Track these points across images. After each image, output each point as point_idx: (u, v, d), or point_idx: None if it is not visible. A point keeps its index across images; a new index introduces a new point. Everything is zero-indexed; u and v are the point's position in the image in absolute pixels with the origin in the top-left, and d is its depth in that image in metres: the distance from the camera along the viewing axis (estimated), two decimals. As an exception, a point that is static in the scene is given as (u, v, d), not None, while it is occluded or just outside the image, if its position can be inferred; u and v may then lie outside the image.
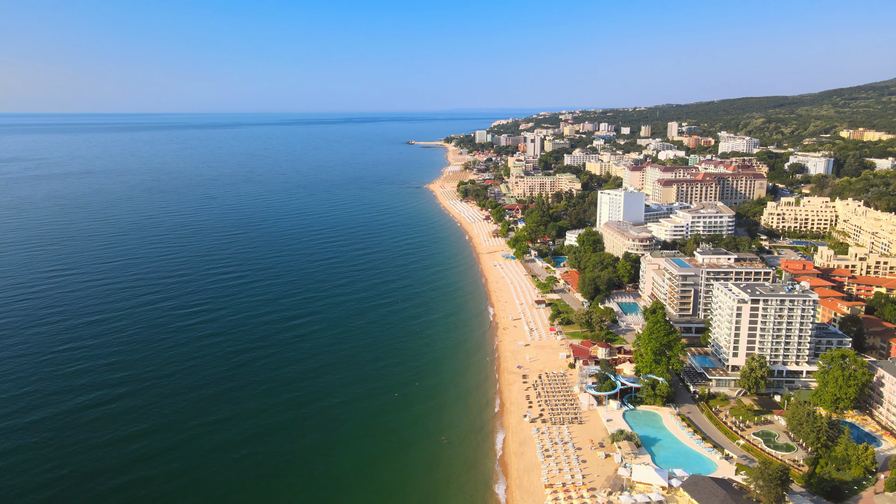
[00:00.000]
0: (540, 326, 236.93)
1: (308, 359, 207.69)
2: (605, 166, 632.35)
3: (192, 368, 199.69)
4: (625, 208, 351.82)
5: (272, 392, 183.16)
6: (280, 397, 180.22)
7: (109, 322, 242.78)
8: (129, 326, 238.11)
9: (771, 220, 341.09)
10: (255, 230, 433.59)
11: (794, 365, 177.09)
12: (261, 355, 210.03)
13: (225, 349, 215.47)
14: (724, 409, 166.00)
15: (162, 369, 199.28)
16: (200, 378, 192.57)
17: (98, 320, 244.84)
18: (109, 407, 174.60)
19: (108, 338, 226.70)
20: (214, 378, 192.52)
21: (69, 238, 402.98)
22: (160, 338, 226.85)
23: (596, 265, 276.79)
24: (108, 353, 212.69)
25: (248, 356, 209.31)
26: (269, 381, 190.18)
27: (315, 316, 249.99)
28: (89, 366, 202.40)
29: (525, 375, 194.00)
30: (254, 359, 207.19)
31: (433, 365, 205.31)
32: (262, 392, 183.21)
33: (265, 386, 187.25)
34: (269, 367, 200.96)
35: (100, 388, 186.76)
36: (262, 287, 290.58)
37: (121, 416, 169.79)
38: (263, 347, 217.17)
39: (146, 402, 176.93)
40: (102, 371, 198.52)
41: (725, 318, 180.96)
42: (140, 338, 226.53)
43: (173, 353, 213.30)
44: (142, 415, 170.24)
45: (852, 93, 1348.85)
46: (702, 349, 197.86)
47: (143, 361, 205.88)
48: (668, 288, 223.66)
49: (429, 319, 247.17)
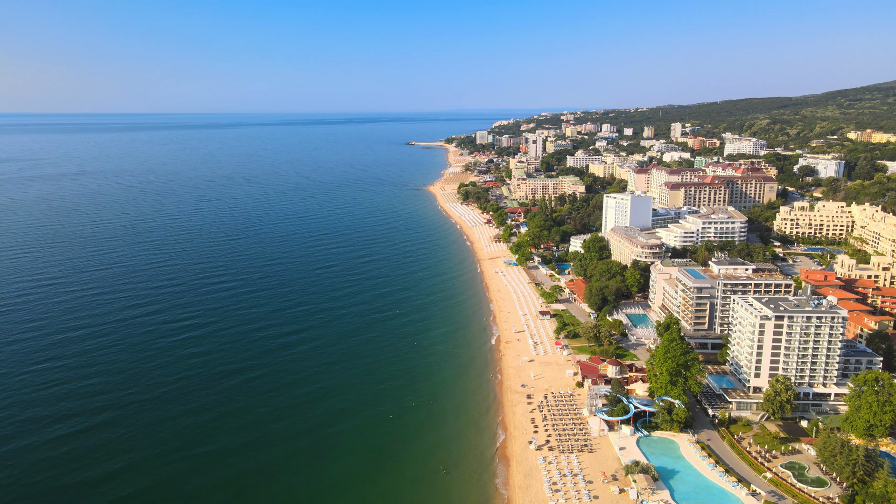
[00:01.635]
0: (545, 340, 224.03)
1: (300, 381, 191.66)
2: (609, 168, 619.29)
3: (178, 391, 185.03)
4: (631, 213, 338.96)
5: (260, 421, 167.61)
6: (268, 427, 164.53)
7: (93, 337, 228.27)
8: (113, 342, 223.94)
9: (784, 226, 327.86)
10: (252, 235, 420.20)
11: (822, 387, 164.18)
12: (251, 377, 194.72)
13: (213, 369, 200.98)
14: (747, 436, 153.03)
15: (145, 392, 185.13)
16: (185, 403, 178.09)
17: (81, 336, 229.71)
18: (85, 438, 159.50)
19: (90, 355, 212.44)
20: (200, 403, 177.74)
21: (56, 243, 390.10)
22: (146, 354, 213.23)
23: (603, 274, 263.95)
24: (90, 374, 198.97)
25: (237, 378, 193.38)
26: (258, 407, 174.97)
27: (309, 331, 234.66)
28: (67, 389, 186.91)
29: (530, 395, 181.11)
30: (243, 381, 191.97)
31: (432, 383, 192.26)
32: (251, 422, 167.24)
33: (254, 413, 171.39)
34: (259, 390, 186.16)
35: (77, 413, 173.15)
36: (256, 297, 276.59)
37: (97, 449, 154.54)
38: (254, 367, 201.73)
39: (124, 433, 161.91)
40: (81, 394, 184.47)
41: (746, 336, 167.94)
42: (124, 355, 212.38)
43: (159, 372, 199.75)
44: (119, 448, 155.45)
45: (856, 94, 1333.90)
46: (719, 367, 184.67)
47: (126, 382, 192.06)
48: (681, 300, 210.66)
49: (428, 332, 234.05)
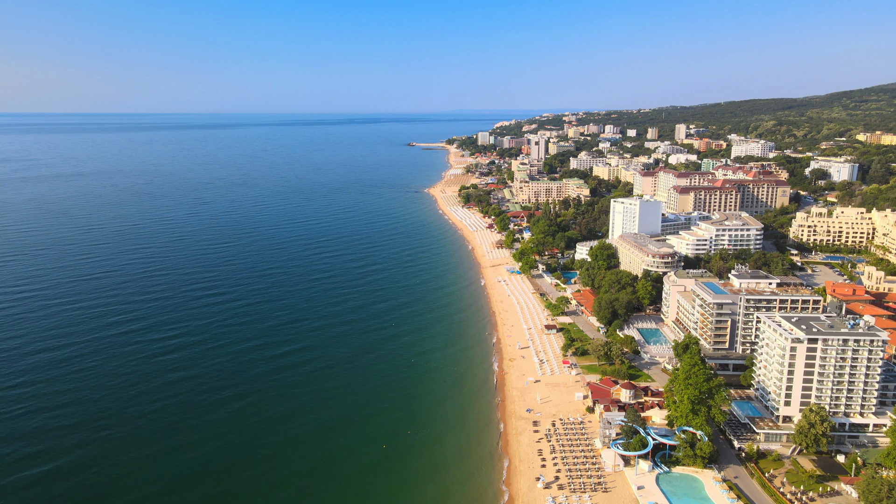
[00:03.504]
0: (551, 357, 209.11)
1: (291, 413, 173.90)
2: (614, 170, 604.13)
3: (158, 424, 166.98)
4: (640, 218, 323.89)
5: (246, 461, 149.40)
6: (254, 470, 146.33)
7: (72, 359, 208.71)
8: (93, 363, 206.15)
9: (801, 233, 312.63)
10: (247, 240, 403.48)
11: (859, 416, 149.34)
12: (237, 406, 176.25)
13: (198, 396, 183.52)
14: (779, 474, 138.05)
15: (123, 424, 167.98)
16: (165, 439, 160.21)
17: (57, 357, 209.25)
18: (51, 482, 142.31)
19: (66, 379, 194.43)
20: (182, 439, 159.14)
21: (43, 247, 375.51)
22: (126, 372, 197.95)
23: (612, 285, 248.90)
24: (65, 391, 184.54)
25: (222, 410, 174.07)
26: (244, 444, 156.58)
27: (303, 352, 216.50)
28: (37, 423, 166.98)
29: (536, 422, 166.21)
30: (229, 412, 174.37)
31: (429, 407, 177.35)
32: (236, 462, 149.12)
33: (240, 452, 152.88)
34: (246, 421, 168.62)
35: (47, 438, 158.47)
36: (248, 309, 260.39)
37: (63, 492, 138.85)
38: (242, 395, 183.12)
39: (95, 475, 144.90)
40: (54, 416, 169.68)
41: (775, 360, 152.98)
42: (104, 380, 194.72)
43: (138, 391, 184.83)
44: (86, 486, 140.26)
45: (862, 95, 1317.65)
46: (743, 392, 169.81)
47: (102, 403, 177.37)
48: (699, 316, 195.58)
49: (427, 349, 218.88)
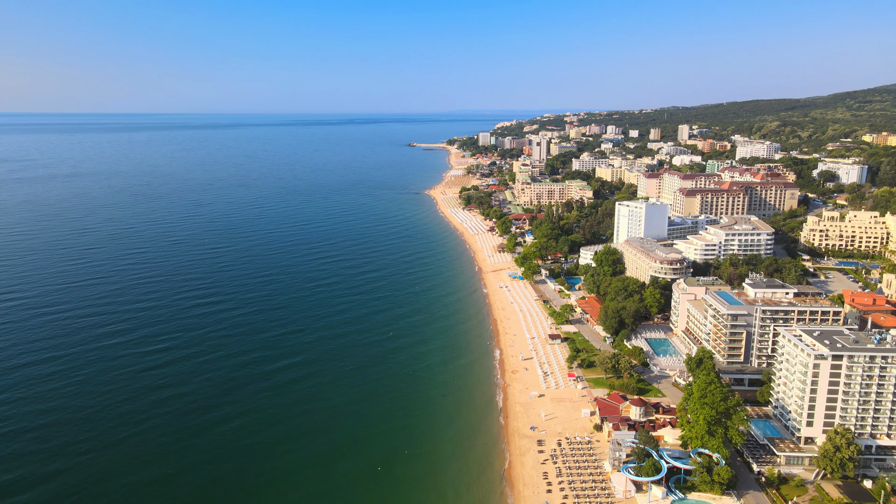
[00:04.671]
0: (556, 369, 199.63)
1: (281, 433, 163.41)
2: (617, 172, 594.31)
3: (141, 448, 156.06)
4: (646, 222, 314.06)
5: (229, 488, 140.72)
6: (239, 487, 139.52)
7: (56, 375, 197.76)
8: (78, 372, 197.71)
9: (812, 237, 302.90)
10: (244, 243, 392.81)
11: (886, 438, 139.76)
12: (226, 429, 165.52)
13: (185, 409, 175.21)
14: (803, 502, 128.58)
15: (104, 437, 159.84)
16: (147, 455, 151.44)
17: (39, 375, 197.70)
18: None
19: (50, 388, 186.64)
20: (165, 468, 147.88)
21: (32, 252, 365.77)
22: (112, 389, 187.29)
23: (618, 292, 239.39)
24: (47, 410, 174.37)
25: (210, 433, 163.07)
26: (229, 475, 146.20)
27: (296, 360, 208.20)
28: (12, 449, 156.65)
29: (541, 441, 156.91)
30: (215, 424, 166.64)
31: (428, 424, 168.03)
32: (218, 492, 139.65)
33: (224, 484, 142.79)
34: (232, 440, 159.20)
35: (25, 463, 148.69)
36: (243, 319, 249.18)
37: None
38: (231, 416, 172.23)
39: (71, 495, 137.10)
40: (33, 439, 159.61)
41: (797, 377, 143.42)
42: (88, 389, 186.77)
43: (124, 410, 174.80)
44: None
45: (866, 95, 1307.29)
46: (760, 409, 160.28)
47: (85, 425, 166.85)
48: (711, 328, 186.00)
49: (425, 361, 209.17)
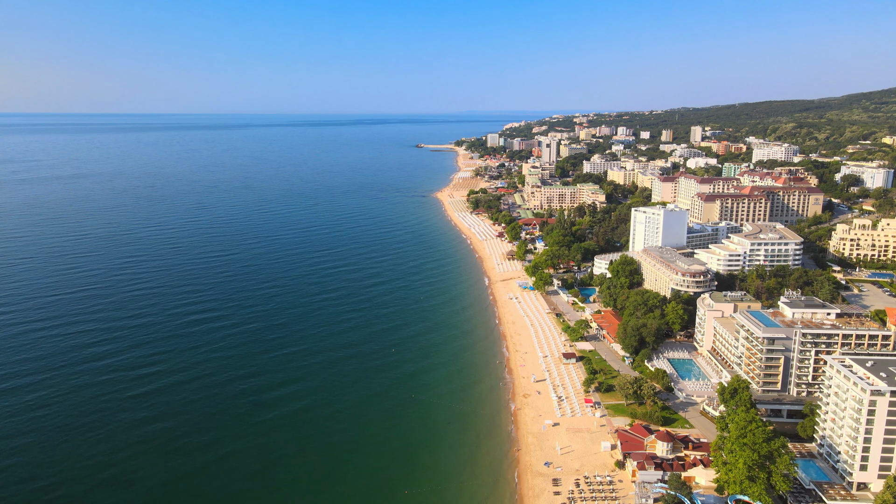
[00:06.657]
0: (571, 394, 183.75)
1: (270, 468, 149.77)
2: (630, 175, 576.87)
3: (119, 468, 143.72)
4: (664, 229, 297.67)
5: None
6: None
7: (37, 389, 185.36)
8: (59, 395, 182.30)
9: (842, 247, 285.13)
10: (245, 250, 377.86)
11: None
12: (209, 450, 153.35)
13: (170, 435, 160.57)
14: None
15: (75, 471, 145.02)
16: (120, 495, 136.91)
17: (24, 392, 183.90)
18: None
19: (28, 413, 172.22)
20: (138, 497, 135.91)
21: (27, 258, 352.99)
22: (92, 418, 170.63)
23: (638, 307, 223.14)
24: (21, 433, 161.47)
25: (192, 461, 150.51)
26: None
27: (296, 388, 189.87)
28: None
29: (556, 480, 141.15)
30: (199, 456, 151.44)
31: (431, 459, 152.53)
32: None
33: None
34: (216, 477, 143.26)
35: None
36: (239, 334, 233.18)
37: None
38: (217, 432, 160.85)
39: None
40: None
41: (849, 415, 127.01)
42: (68, 413, 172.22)
43: (103, 435, 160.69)
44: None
45: (882, 96, 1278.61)
46: (802, 446, 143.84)
47: (58, 453, 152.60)
48: (744, 351, 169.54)
49: (429, 381, 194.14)
